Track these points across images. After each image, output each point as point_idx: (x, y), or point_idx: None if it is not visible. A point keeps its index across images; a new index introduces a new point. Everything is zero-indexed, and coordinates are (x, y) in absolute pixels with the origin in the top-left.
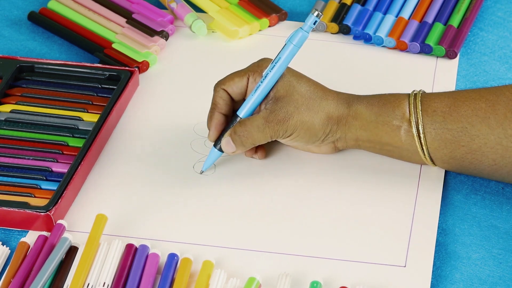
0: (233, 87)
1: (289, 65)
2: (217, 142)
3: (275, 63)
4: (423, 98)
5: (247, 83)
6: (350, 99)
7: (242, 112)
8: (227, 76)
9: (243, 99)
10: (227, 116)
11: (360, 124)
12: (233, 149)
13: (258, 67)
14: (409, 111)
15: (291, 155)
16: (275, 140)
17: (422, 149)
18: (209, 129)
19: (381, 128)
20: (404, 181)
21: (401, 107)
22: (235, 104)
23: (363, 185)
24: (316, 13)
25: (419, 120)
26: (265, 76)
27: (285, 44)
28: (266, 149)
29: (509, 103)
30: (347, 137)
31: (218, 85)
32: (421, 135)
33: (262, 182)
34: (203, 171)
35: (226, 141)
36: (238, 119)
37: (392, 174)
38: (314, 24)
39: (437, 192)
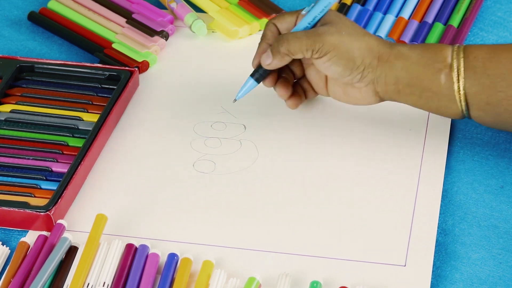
0: (282, 23)
1: None
2: (254, 71)
3: (323, 5)
4: (466, 47)
5: (296, 21)
6: (391, 43)
7: None
8: (279, 14)
9: None
10: None
11: (402, 65)
12: (270, 59)
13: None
14: (451, 56)
15: (291, 154)
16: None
17: (460, 93)
18: (254, 57)
19: (423, 70)
20: (404, 181)
21: (444, 52)
22: None
23: (363, 185)
24: None
25: (460, 65)
26: (309, 11)
27: None
28: (301, 100)
29: None
30: (387, 78)
31: (269, 21)
32: (461, 80)
33: (262, 181)
34: (236, 100)
35: (266, 54)
36: None
37: (392, 174)
38: None
39: (437, 192)
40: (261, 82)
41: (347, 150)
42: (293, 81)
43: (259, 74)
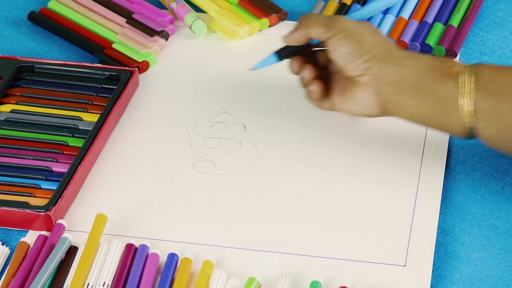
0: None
1: None
2: (280, 49)
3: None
4: (478, 65)
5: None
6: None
7: None
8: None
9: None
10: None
11: (411, 62)
12: (290, 34)
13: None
14: (460, 64)
15: (291, 154)
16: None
17: (465, 102)
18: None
19: (431, 72)
20: (404, 181)
21: (453, 62)
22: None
23: (363, 184)
24: None
25: (468, 71)
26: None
27: None
28: (324, 87)
29: None
30: (393, 75)
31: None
32: (469, 85)
33: (262, 182)
34: (253, 69)
35: (287, 33)
36: None
37: (392, 174)
38: None
39: (437, 192)
40: (289, 64)
41: (347, 150)
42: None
43: (284, 52)
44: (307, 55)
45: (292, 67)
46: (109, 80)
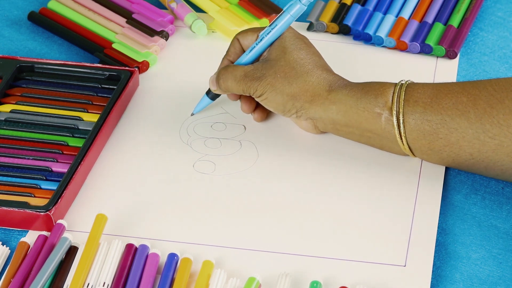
0: (244, 40)
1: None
2: (210, 91)
3: (271, 29)
4: (408, 88)
5: (256, 39)
6: (334, 83)
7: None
8: (246, 29)
9: None
10: None
11: (337, 109)
12: (213, 88)
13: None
14: (392, 100)
15: (291, 155)
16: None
17: (401, 138)
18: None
19: (361, 114)
20: (404, 181)
21: (385, 95)
22: None
23: (363, 184)
24: None
25: (400, 109)
26: (261, 39)
27: (283, 12)
28: (265, 113)
29: (490, 98)
30: (324, 119)
31: (236, 35)
32: (401, 125)
33: (262, 181)
34: (193, 114)
35: (212, 79)
36: None
37: (392, 174)
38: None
39: (437, 192)
40: (226, 96)
41: (347, 150)
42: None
43: (211, 92)
44: None
45: (230, 98)
46: (109, 80)
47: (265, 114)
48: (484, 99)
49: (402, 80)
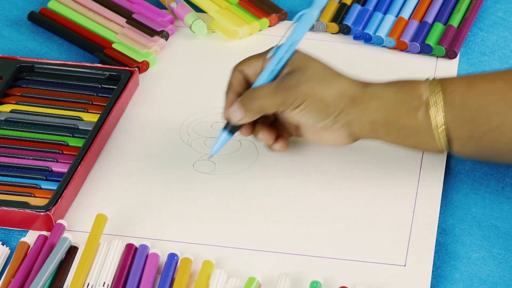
0: (248, 69)
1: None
2: (227, 124)
3: (288, 45)
4: (442, 81)
5: (262, 65)
6: (365, 82)
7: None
8: (245, 58)
9: None
10: None
11: (377, 105)
12: (240, 116)
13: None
14: (428, 92)
15: (291, 155)
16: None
17: (438, 131)
18: (224, 110)
19: (399, 109)
20: (404, 181)
21: (420, 88)
22: (249, 86)
23: (363, 184)
24: None
25: (438, 101)
26: (279, 59)
27: (295, 24)
28: (288, 140)
29: None
30: (363, 120)
31: (234, 67)
32: (439, 116)
33: (262, 181)
34: (211, 157)
35: (233, 109)
36: None
37: (392, 174)
38: (325, 4)
39: (437, 192)
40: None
41: (347, 149)
42: (270, 122)
43: (232, 125)
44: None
45: (244, 134)
46: (109, 80)
47: (287, 140)
48: None
49: (430, 76)
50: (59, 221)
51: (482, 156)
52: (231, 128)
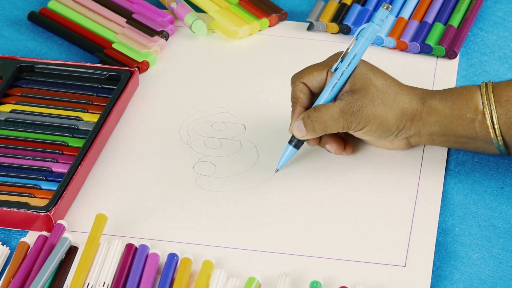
0: (313, 81)
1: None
2: (292, 138)
3: (350, 58)
4: (494, 89)
5: (326, 76)
6: (424, 94)
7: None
8: (305, 69)
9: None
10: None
11: (434, 120)
12: (303, 133)
13: (336, 61)
14: (483, 103)
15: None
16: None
17: (497, 139)
18: (291, 124)
19: (456, 122)
20: (404, 181)
21: (474, 99)
22: (314, 97)
23: (363, 185)
24: (386, 6)
25: (493, 111)
26: (337, 69)
27: (357, 38)
28: (353, 146)
29: None
30: (421, 133)
31: (297, 79)
32: (496, 126)
33: (262, 181)
34: (278, 170)
35: (297, 125)
36: None
37: (392, 174)
38: (386, 17)
39: (437, 192)
40: (306, 143)
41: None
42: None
43: (298, 140)
44: None
45: (311, 145)
46: (109, 80)
47: (353, 146)
48: None
49: (484, 81)
50: (59, 221)
51: None
52: (296, 142)
